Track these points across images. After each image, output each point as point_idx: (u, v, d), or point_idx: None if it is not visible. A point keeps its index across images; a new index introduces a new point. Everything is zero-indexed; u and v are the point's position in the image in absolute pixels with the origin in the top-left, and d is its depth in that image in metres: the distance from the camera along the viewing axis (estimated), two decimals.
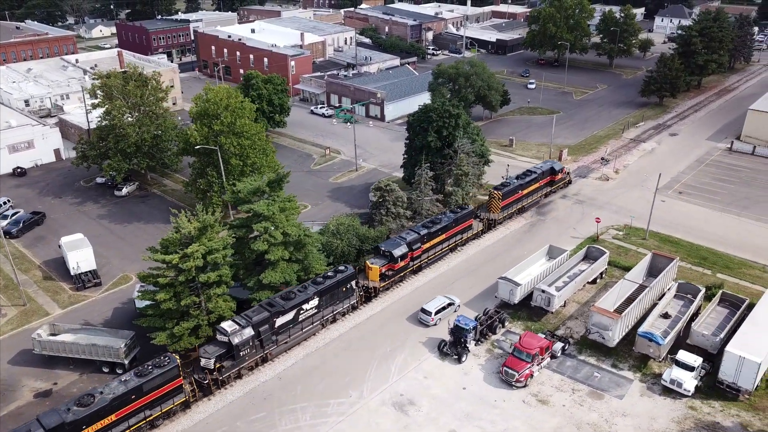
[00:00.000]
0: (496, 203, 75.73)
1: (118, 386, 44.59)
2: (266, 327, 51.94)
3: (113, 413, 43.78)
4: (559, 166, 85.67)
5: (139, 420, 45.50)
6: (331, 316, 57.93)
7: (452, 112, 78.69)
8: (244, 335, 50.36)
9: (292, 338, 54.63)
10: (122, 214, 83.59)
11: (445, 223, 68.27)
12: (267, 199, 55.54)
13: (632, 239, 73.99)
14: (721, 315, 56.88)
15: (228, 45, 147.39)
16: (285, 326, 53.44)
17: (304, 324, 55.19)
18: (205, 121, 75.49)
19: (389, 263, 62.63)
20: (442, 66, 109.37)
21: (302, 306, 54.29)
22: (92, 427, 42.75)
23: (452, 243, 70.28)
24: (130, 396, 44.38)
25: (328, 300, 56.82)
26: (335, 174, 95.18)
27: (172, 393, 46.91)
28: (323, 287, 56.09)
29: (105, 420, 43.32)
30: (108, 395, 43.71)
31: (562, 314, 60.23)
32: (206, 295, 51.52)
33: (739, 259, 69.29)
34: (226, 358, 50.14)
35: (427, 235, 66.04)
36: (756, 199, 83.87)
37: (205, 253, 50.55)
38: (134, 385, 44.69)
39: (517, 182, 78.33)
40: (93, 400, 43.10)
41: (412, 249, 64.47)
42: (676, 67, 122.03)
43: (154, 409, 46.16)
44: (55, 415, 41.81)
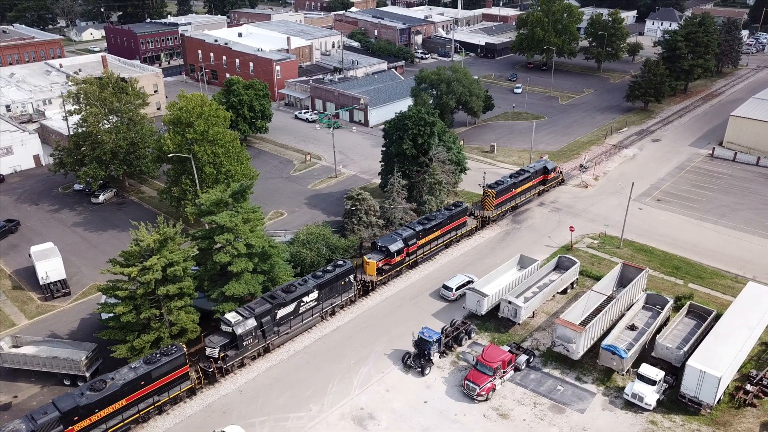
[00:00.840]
0: (490, 201, 77.82)
1: (128, 373, 46.81)
2: (268, 318, 54.18)
3: (124, 398, 46.12)
4: (552, 166, 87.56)
5: (148, 405, 47.92)
6: (330, 308, 60.24)
7: (427, 119, 78.48)
8: (247, 326, 52.54)
9: (293, 329, 57.07)
10: (97, 221, 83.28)
11: (440, 219, 70.26)
12: (230, 211, 55.17)
13: (606, 248, 73.70)
14: (688, 327, 56.60)
15: (214, 49, 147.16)
16: (286, 318, 55.84)
17: (304, 316, 57.55)
18: (178, 129, 75.22)
19: (386, 258, 65.12)
20: (424, 71, 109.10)
21: (302, 298, 56.69)
22: (104, 411, 45.10)
23: (447, 239, 72.40)
24: (139, 382, 46.73)
25: (327, 293, 59.16)
26: (314, 180, 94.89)
27: (179, 380, 49.29)
28: (323, 281, 58.36)
29: (116, 404, 45.75)
30: (119, 381, 46.02)
31: (530, 325, 59.93)
32: (167, 307, 51.19)
33: (711, 268, 69.00)
34: (230, 348, 52.34)
35: (422, 231, 68.09)
36: (733, 207, 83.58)
37: (166, 265, 50.27)
38: (143, 372, 46.91)
39: (510, 181, 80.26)
40: (105, 386, 45.39)
41: (408, 245, 66.63)
42: (661, 72, 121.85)
43: (162, 395, 48.63)
44: (70, 398, 44.23)
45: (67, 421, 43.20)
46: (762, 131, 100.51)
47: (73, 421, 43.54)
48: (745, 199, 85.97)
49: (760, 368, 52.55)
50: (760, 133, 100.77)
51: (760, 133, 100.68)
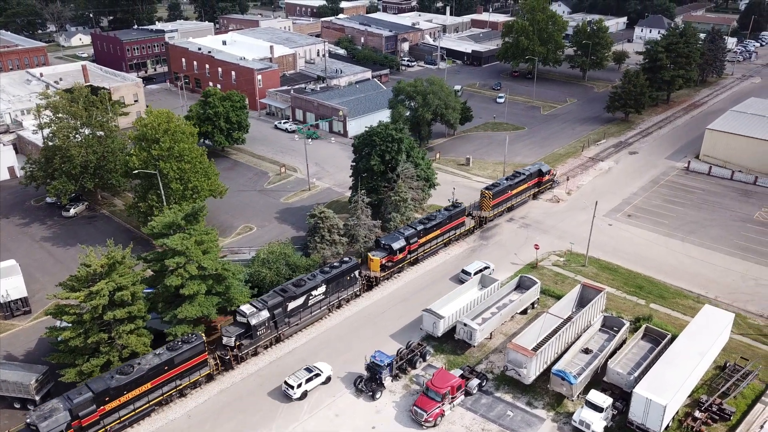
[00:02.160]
0: (487, 202, 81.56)
1: (153, 358, 50.68)
2: (280, 310, 58.26)
3: (149, 381, 50.08)
4: (547, 168, 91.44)
5: (171, 388, 51.92)
6: (337, 301, 64.39)
7: (395, 136, 78.39)
8: (260, 317, 56.56)
9: (302, 321, 61.11)
10: (66, 236, 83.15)
11: (440, 219, 74.35)
12: (183, 233, 55.03)
13: (571, 266, 73.55)
14: (642, 350, 56.46)
15: (197, 57, 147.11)
16: (296, 310, 59.93)
17: (313, 308, 61.73)
18: (144, 145, 75.11)
19: (389, 255, 69.05)
20: (401, 83, 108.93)
21: (311, 292, 60.82)
22: (132, 393, 49.12)
23: (446, 238, 76.39)
24: (163, 367, 50.62)
25: (334, 287, 63.30)
26: (287, 193, 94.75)
27: (199, 366, 53.28)
28: (330, 276, 62.57)
29: (143, 387, 49.74)
30: (145, 366, 49.85)
31: (487, 347, 59.78)
32: (116, 331, 51.05)
33: (675, 288, 68.83)
34: (244, 337, 56.54)
35: (423, 231, 72.18)
36: (703, 224, 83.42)
37: (114, 290, 50.13)
38: (167, 358, 50.82)
39: (506, 183, 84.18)
40: (132, 370, 49.24)
41: (410, 243, 70.70)
42: (641, 83, 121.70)
43: (183, 379, 52.56)
44: (102, 381, 48.37)
45: (99, 401, 47.38)
46: (737, 145, 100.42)
47: (105, 401, 47.70)
48: (716, 215, 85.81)
49: (711, 393, 52.40)
50: (735, 146, 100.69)
51: (736, 147, 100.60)
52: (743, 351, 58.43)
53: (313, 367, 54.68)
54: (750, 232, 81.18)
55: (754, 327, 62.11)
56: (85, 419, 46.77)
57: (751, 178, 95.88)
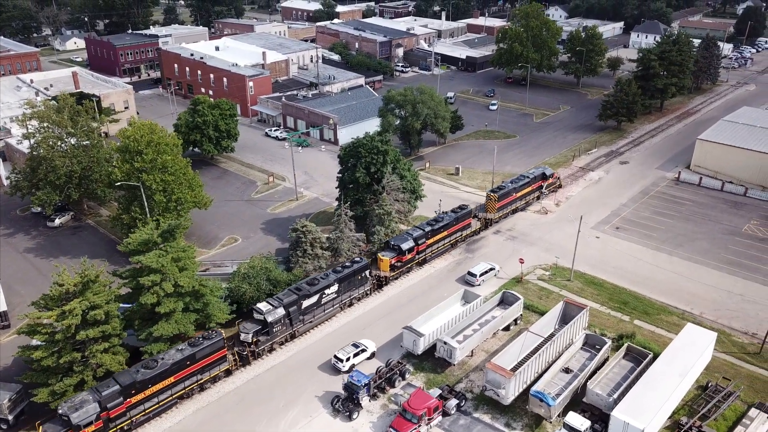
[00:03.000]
0: (493, 204, 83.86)
1: (175, 354, 52.73)
2: (295, 308, 60.42)
3: (172, 376, 52.19)
4: (550, 172, 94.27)
5: (192, 383, 54.04)
6: (348, 300, 66.58)
7: (380, 148, 77.92)
8: (277, 314, 58.74)
9: (315, 318, 63.38)
10: (51, 247, 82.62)
11: (447, 221, 76.49)
12: (159, 250, 54.48)
13: (557, 280, 72.96)
14: (623, 370, 55.91)
15: (190, 63, 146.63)
16: (310, 308, 62.21)
17: (326, 306, 63.95)
18: (127, 157, 74.60)
19: (398, 256, 71.15)
20: (391, 92, 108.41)
21: (324, 291, 63.02)
22: (156, 386, 51.19)
23: (453, 239, 78.50)
24: (185, 362, 52.73)
25: (346, 286, 65.47)
26: (275, 203, 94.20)
27: (218, 362, 55.44)
28: (342, 275, 64.77)
29: (166, 381, 51.81)
30: (168, 361, 51.95)
31: (468, 365, 59.16)
32: (90, 350, 50.46)
33: (659, 304, 68.22)
34: (261, 334, 58.67)
35: (431, 232, 74.43)
36: (691, 236, 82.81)
37: (87, 309, 49.56)
38: (189, 353, 52.94)
39: (511, 186, 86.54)
40: (156, 365, 51.29)
41: (418, 243, 72.88)
42: (633, 92, 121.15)
43: (204, 374, 54.70)
44: (128, 375, 50.37)
45: (126, 394, 49.46)
46: (728, 155, 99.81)
47: (131, 393, 49.82)
48: (704, 228, 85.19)
49: (692, 415, 51.79)
50: (726, 157, 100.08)
51: (727, 158, 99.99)
52: (726, 370, 57.84)
53: (360, 343, 59.14)
54: (738, 245, 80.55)
55: (738, 345, 61.50)
56: (113, 411, 48.88)
57: (742, 190, 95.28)
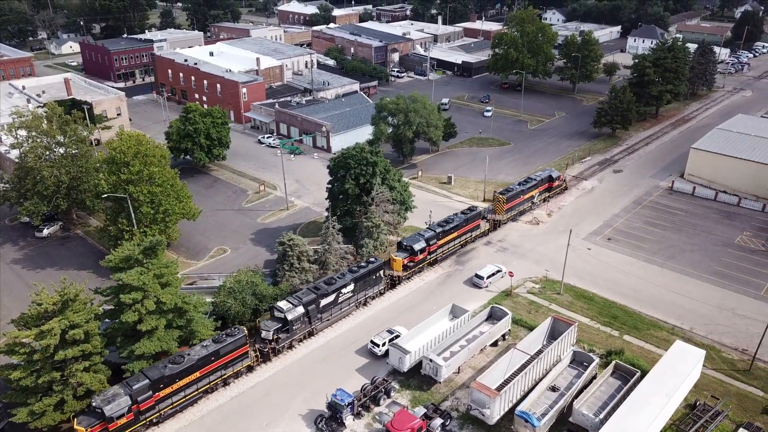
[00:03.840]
0: (501, 206, 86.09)
1: (200, 350, 54.87)
2: (313, 306, 62.62)
3: (198, 371, 54.32)
4: (556, 174, 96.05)
5: (216, 378, 56.20)
6: (363, 299, 68.79)
7: (369, 159, 77.36)
8: (296, 312, 61.00)
9: (332, 316, 65.59)
10: (38, 258, 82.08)
11: (457, 222, 78.75)
12: (140, 267, 53.87)
13: (547, 294, 72.32)
14: (611, 388, 55.24)
15: (184, 69, 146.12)
16: (328, 306, 64.36)
17: (342, 305, 66.18)
18: (113, 169, 74.02)
19: (410, 256, 73.09)
20: (384, 100, 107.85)
21: (341, 290, 65.30)
22: (183, 381, 53.38)
23: (463, 240, 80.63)
24: (210, 358, 54.93)
25: (361, 286, 67.72)
26: (265, 213, 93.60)
27: (240, 358, 57.65)
28: (358, 275, 66.96)
29: (192, 376, 53.92)
30: (194, 356, 54.09)
31: (454, 382, 58.54)
32: (69, 370, 49.85)
33: (650, 318, 67.59)
34: (282, 331, 60.96)
35: (441, 233, 76.45)
36: (682, 248, 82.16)
37: (67, 328, 48.94)
38: (213, 350, 55.16)
39: (519, 188, 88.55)
40: (183, 360, 53.37)
41: (430, 244, 74.82)
42: (628, 99, 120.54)
43: (227, 369, 56.90)
44: (156, 370, 52.39)
45: (155, 388, 51.49)
46: (722, 165, 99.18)
47: (160, 387, 51.87)
48: (697, 239, 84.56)
49: None
50: (720, 166, 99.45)
51: (720, 167, 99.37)
52: (715, 388, 57.24)
53: (394, 330, 62.56)
54: (730, 257, 79.91)
55: (728, 362, 60.87)
56: (143, 404, 50.91)
57: (735, 200, 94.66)
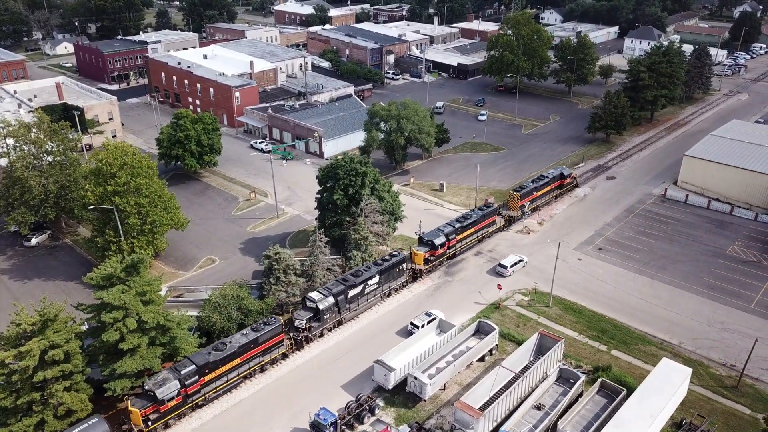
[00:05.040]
0: (515, 202, 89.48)
1: (240, 338, 58.08)
2: (342, 297, 66.15)
3: (238, 357, 57.56)
4: (568, 172, 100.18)
5: (254, 364, 59.49)
6: (387, 290, 72.18)
7: (359, 170, 76.83)
8: (327, 303, 64.49)
9: (359, 307, 69.09)
10: (26, 268, 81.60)
11: (475, 218, 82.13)
12: (122, 285, 53.39)
13: (536, 306, 71.88)
14: (597, 406, 54.86)
15: (177, 72, 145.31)
16: (355, 297, 67.87)
17: (368, 296, 69.56)
18: (99, 180, 73.48)
19: (431, 250, 76.48)
20: (376, 106, 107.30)
21: (367, 282, 68.68)
22: (225, 367, 56.60)
23: (480, 235, 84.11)
24: (249, 345, 58.25)
25: (385, 278, 71.06)
26: (255, 221, 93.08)
27: (276, 345, 60.89)
28: (383, 267, 70.33)
29: (233, 362, 57.17)
30: (235, 344, 57.36)
31: (440, 399, 58.12)
32: (49, 390, 49.42)
33: (638, 333, 67.15)
34: (313, 320, 64.37)
35: (460, 228, 79.93)
36: (674, 259, 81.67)
37: (46, 348, 48.50)
38: (253, 338, 58.36)
39: (532, 185, 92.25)
40: (225, 347, 56.59)
41: (449, 239, 78.12)
42: (622, 104, 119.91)
43: (265, 356, 60.22)
44: (201, 356, 55.43)
45: (200, 373, 54.61)
46: (715, 172, 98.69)
47: (205, 372, 54.97)
48: (688, 249, 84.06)
49: None
50: (713, 174, 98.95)
51: (713, 175, 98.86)
52: (702, 406, 56.86)
53: (431, 313, 67.28)
54: (721, 268, 79.45)
55: (716, 378, 60.46)
56: (190, 387, 53.96)
57: (728, 208, 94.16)
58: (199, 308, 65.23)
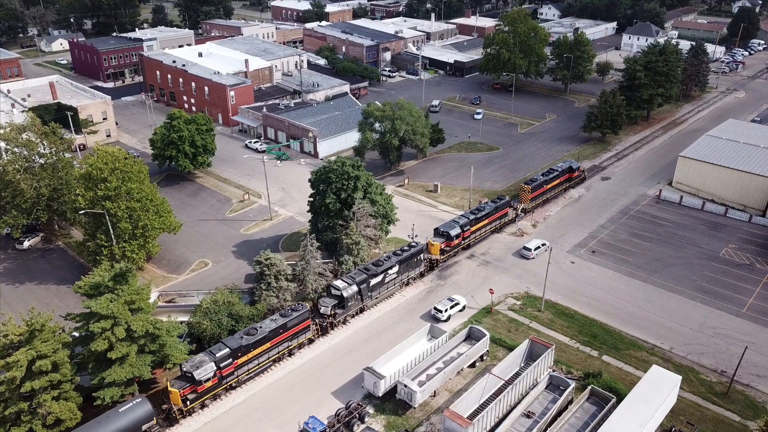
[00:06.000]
0: (526, 195, 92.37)
1: (270, 323, 61.04)
2: (365, 285, 69.37)
3: (269, 341, 60.69)
4: (576, 165, 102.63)
5: (284, 348, 62.65)
6: (406, 279, 75.17)
7: (351, 174, 76.54)
8: (351, 290, 67.88)
9: (380, 295, 72.18)
10: (18, 272, 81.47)
11: (488, 210, 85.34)
12: (111, 294, 53.25)
13: (527, 311, 71.81)
14: (586, 414, 54.84)
15: (171, 71, 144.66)
16: (376, 285, 70.93)
17: (388, 285, 72.58)
18: (90, 185, 73.21)
19: (446, 241, 79.49)
20: (371, 106, 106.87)
21: (388, 271, 71.63)
22: (256, 350, 59.66)
23: (493, 226, 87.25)
24: (279, 330, 61.28)
25: (404, 268, 74.01)
26: (248, 223, 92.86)
27: (303, 331, 63.97)
28: (402, 258, 73.31)
29: (264, 346, 60.28)
30: (266, 329, 60.43)
31: (430, 406, 58.10)
32: (36, 400, 49.37)
33: (630, 338, 67.11)
34: (338, 307, 67.85)
35: (474, 220, 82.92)
36: (667, 262, 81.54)
37: (34, 358, 48.43)
38: (282, 323, 61.44)
39: (542, 178, 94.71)
40: (256, 332, 59.72)
41: (464, 230, 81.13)
42: (618, 104, 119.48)
43: (292, 341, 63.37)
44: (234, 340, 58.60)
45: (234, 356, 57.65)
46: (709, 173, 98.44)
47: (238, 356, 58.04)
48: (682, 252, 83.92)
49: None
50: (707, 175, 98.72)
51: (708, 176, 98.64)
52: (692, 413, 56.88)
53: (454, 298, 71.14)
54: (714, 271, 79.37)
55: (706, 384, 60.44)
56: (224, 369, 56.98)
57: (722, 210, 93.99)
58: (190, 314, 65.14)
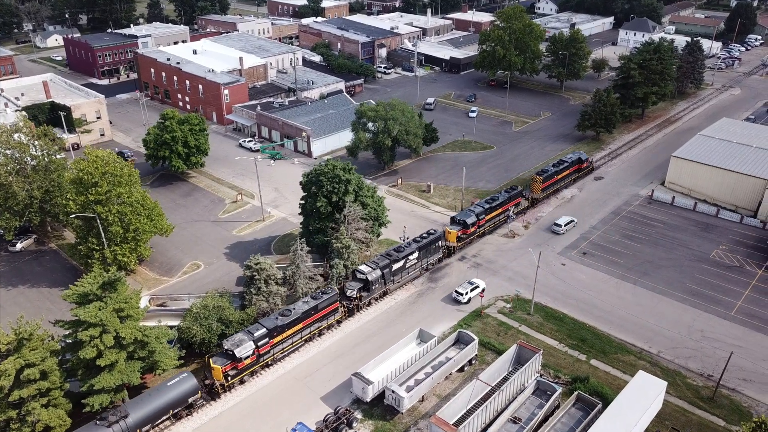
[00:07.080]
0: (537, 185, 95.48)
1: (302, 305, 64.84)
2: (387, 270, 72.85)
3: (301, 322, 64.43)
4: (585, 157, 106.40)
5: (315, 329, 66.41)
6: (426, 265, 78.67)
7: (342, 177, 76.63)
8: (375, 275, 71.30)
9: (401, 279, 75.67)
10: (10, 274, 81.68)
11: (502, 199, 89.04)
12: (99, 302, 53.48)
13: (517, 314, 72.13)
14: (572, 420, 55.28)
15: (166, 69, 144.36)
16: (398, 270, 74.30)
17: (409, 270, 76.01)
18: (81, 189, 73.30)
19: (463, 229, 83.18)
20: (364, 106, 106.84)
21: (408, 257, 75.05)
22: (290, 330, 63.57)
23: (506, 215, 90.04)
24: (311, 311, 65.10)
25: (424, 254, 77.43)
26: (241, 224, 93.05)
27: (332, 313, 67.88)
28: (421, 244, 76.76)
29: (297, 326, 64.07)
30: (299, 310, 64.19)
31: (418, 411, 58.53)
32: (25, 408, 49.71)
33: (618, 342, 67.49)
34: (363, 291, 71.38)
35: (489, 209, 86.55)
36: (657, 264, 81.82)
37: (22, 367, 48.72)
38: (314, 305, 65.24)
39: (553, 170, 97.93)
40: (290, 313, 63.52)
41: (479, 219, 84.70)
42: (612, 103, 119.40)
43: (322, 322, 67.12)
44: (270, 321, 62.45)
45: (270, 335, 61.33)
46: (702, 174, 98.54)
47: (273, 335, 61.70)
48: (673, 254, 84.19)
49: None
50: (700, 175, 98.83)
51: (700, 176, 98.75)
52: (677, 417, 57.34)
53: (474, 281, 74.73)
54: (704, 274, 79.66)
55: (692, 388, 60.86)
56: (262, 348, 60.69)
57: (714, 210, 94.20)
58: (181, 318, 65.40)
